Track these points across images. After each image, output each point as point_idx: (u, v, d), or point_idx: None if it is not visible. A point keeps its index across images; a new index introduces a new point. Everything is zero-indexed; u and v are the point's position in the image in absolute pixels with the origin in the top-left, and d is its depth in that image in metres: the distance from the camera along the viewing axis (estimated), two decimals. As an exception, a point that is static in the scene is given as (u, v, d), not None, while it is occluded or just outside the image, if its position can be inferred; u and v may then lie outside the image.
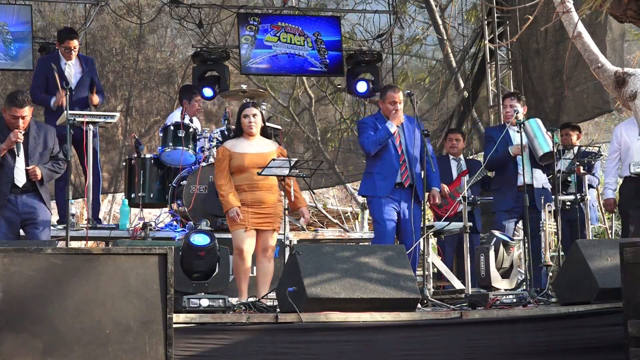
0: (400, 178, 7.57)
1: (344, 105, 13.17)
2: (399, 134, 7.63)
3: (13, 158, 6.97)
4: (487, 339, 6.20)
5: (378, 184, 7.61)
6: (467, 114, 12.02)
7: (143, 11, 11.77)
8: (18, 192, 7.00)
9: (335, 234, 10.41)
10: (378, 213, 7.59)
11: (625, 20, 5.73)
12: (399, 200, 7.57)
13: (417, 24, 12.73)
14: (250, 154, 7.04)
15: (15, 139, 6.93)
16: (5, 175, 6.96)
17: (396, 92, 7.69)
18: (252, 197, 6.98)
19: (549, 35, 10.76)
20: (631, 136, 8.28)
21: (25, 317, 4.83)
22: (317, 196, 13.83)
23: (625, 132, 8.33)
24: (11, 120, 6.94)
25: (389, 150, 7.61)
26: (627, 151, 8.27)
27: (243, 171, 7.00)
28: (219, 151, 7.22)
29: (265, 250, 7.01)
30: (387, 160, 7.61)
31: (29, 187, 7.04)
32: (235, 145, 7.09)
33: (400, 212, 7.58)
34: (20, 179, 6.99)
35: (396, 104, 7.61)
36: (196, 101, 9.26)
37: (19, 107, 6.90)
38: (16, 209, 6.99)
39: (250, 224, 6.93)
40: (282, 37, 11.19)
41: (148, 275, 5.03)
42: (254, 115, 7.11)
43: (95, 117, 8.36)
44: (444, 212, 8.92)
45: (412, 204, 7.55)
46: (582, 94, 10.58)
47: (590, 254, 6.52)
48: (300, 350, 5.85)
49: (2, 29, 10.43)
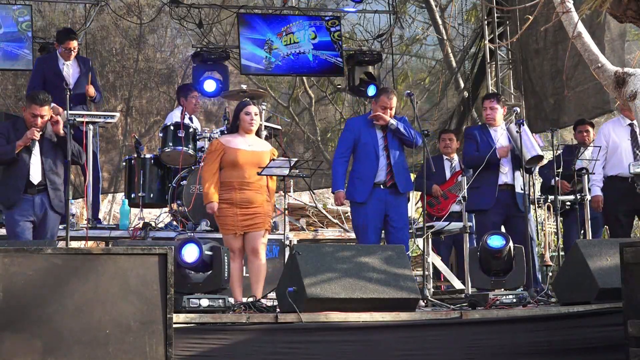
0: (385, 177, 7.48)
1: (344, 105, 13.18)
2: (386, 136, 7.57)
3: (29, 155, 7.06)
4: (487, 339, 6.19)
5: (352, 190, 7.53)
6: (467, 114, 12.03)
7: (143, 11, 11.77)
8: (34, 192, 7.06)
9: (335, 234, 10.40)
10: (359, 221, 7.52)
11: (625, 20, 5.72)
12: (385, 200, 7.48)
13: (417, 24, 12.76)
14: (244, 151, 7.03)
15: (32, 136, 7.02)
16: (20, 171, 7.04)
17: (390, 97, 7.59)
18: (240, 196, 6.96)
19: (548, 35, 10.77)
20: (620, 135, 8.25)
21: (25, 317, 4.82)
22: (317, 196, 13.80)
23: (613, 131, 8.31)
24: (30, 118, 7.07)
25: (368, 154, 7.52)
26: (615, 150, 8.23)
27: (235, 167, 6.99)
28: (212, 143, 7.21)
29: (254, 250, 6.99)
30: (365, 164, 7.53)
31: (43, 187, 7.09)
32: (230, 141, 7.10)
33: (389, 212, 7.49)
34: (36, 176, 7.05)
35: (386, 110, 7.57)
36: (192, 97, 9.25)
37: (39, 105, 7.04)
38: (32, 209, 7.05)
39: (239, 228, 6.93)
40: (284, 40, 11.19)
41: (148, 275, 5.03)
42: (255, 114, 7.13)
43: (95, 117, 8.37)
44: (436, 211, 8.92)
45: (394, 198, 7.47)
46: (583, 94, 10.58)
47: (590, 254, 6.52)
48: (300, 350, 5.85)
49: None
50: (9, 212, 7.08)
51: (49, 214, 7.10)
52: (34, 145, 7.07)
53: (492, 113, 8.09)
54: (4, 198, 7.10)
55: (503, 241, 6.65)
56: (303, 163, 7.37)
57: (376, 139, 7.55)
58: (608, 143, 8.26)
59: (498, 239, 6.69)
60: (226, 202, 6.97)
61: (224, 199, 6.98)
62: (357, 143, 7.58)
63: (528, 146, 7.79)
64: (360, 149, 7.57)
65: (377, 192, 7.46)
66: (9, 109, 11.22)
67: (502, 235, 6.72)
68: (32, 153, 7.06)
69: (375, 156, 7.51)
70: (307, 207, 12.93)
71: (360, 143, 7.57)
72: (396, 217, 7.45)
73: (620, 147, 8.21)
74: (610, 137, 8.27)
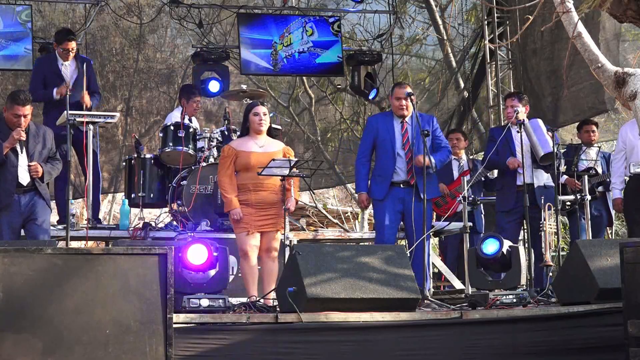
0: (406, 176, 7.49)
1: (344, 105, 13.18)
2: (407, 131, 7.57)
3: (16, 157, 7.02)
4: (487, 339, 6.20)
5: (374, 187, 7.58)
6: (467, 114, 12.03)
7: (143, 11, 11.76)
8: (21, 192, 7.04)
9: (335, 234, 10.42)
10: (377, 217, 7.57)
11: (625, 20, 5.72)
12: (403, 199, 7.49)
13: (417, 24, 12.74)
14: (257, 153, 7.04)
15: (19, 137, 6.98)
16: (9, 173, 7.00)
17: (402, 87, 7.64)
18: (256, 197, 6.97)
19: (545, 35, 10.78)
20: (635, 136, 8.28)
21: (25, 317, 4.83)
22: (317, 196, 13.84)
23: (630, 132, 8.34)
24: (13, 119, 6.99)
25: (387, 151, 7.55)
26: (631, 150, 8.28)
27: (249, 170, 6.99)
28: (224, 149, 7.19)
29: (268, 250, 7.01)
30: (383, 161, 7.56)
31: (31, 187, 7.06)
32: (241, 144, 7.09)
33: (406, 212, 7.49)
34: (25, 177, 7.03)
35: (401, 100, 7.59)
36: (194, 101, 9.23)
37: (21, 105, 6.97)
38: (19, 209, 7.02)
39: (253, 226, 6.93)
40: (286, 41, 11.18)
41: (148, 275, 5.03)
42: (264, 114, 7.13)
43: (95, 117, 8.36)
44: (443, 212, 8.93)
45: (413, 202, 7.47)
46: (579, 94, 10.60)
47: (590, 254, 6.52)
48: (300, 350, 5.85)
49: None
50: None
51: (36, 210, 7.04)
52: (21, 146, 7.02)
53: (513, 112, 8.09)
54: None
55: (497, 246, 6.65)
56: (303, 163, 7.37)
57: (394, 135, 7.55)
58: (625, 144, 8.31)
59: (492, 244, 6.68)
60: (242, 203, 6.97)
61: (240, 201, 6.98)
62: (376, 140, 7.60)
63: (542, 142, 7.81)
64: (378, 145, 7.60)
65: (395, 190, 7.47)
66: (9, 109, 11.21)
67: (495, 238, 6.70)
68: (19, 155, 7.02)
69: (393, 153, 7.51)
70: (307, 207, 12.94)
71: (379, 139, 7.59)
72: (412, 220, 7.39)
73: (635, 147, 8.25)
74: (627, 138, 8.31)
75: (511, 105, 8.17)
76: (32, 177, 7.04)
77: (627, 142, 8.31)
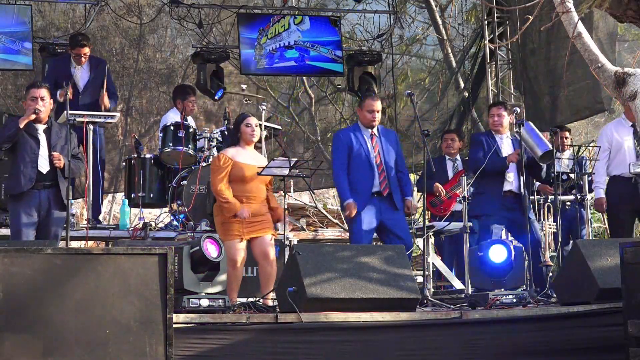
0: (379, 187, 7.47)
1: (344, 105, 13.17)
2: (376, 143, 7.56)
3: (37, 145, 7.13)
4: (487, 339, 6.20)
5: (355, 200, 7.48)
6: (467, 114, 12.01)
7: (143, 11, 11.76)
8: (41, 187, 7.11)
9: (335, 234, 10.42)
10: (354, 226, 7.47)
11: (626, 20, 5.72)
12: (379, 209, 7.45)
13: (417, 24, 12.73)
14: (251, 165, 7.07)
15: (34, 108, 7.07)
16: (29, 157, 7.10)
17: (375, 100, 7.61)
18: (248, 208, 6.97)
19: (542, 34, 10.78)
20: (622, 135, 8.27)
21: (25, 317, 4.83)
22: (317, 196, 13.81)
23: (615, 131, 8.33)
24: (30, 103, 7.14)
25: (363, 163, 7.47)
26: (618, 150, 8.25)
27: (243, 182, 7.02)
28: (220, 157, 7.13)
29: (265, 255, 6.99)
30: (361, 174, 7.48)
31: (51, 182, 7.13)
32: (236, 155, 7.09)
33: (382, 221, 7.44)
34: (44, 165, 7.11)
35: (373, 113, 7.55)
36: (190, 101, 9.23)
37: (36, 88, 7.19)
38: (37, 207, 7.09)
39: (245, 233, 6.93)
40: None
41: (148, 275, 5.03)
42: (256, 125, 7.19)
43: (95, 117, 8.37)
44: (439, 211, 8.93)
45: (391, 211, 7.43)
46: (576, 94, 10.61)
47: (590, 254, 6.52)
48: (300, 350, 5.86)
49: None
50: (15, 203, 7.12)
51: (53, 213, 7.12)
52: (41, 137, 7.12)
53: (499, 120, 8.17)
54: (13, 183, 7.12)
55: (506, 253, 6.72)
56: (303, 163, 7.37)
57: (367, 147, 7.52)
58: (611, 144, 8.29)
59: (501, 252, 6.74)
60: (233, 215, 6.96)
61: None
62: (351, 153, 7.51)
63: (539, 142, 7.86)
64: (353, 158, 7.49)
65: (372, 201, 7.43)
66: (9, 109, 11.21)
67: (503, 244, 6.75)
68: (40, 144, 7.12)
69: (370, 165, 7.48)
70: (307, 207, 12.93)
71: (354, 153, 7.49)
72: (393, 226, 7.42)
73: (623, 147, 8.23)
74: (613, 138, 8.29)
75: (497, 114, 8.21)
76: (54, 169, 7.11)
77: (612, 141, 8.29)
